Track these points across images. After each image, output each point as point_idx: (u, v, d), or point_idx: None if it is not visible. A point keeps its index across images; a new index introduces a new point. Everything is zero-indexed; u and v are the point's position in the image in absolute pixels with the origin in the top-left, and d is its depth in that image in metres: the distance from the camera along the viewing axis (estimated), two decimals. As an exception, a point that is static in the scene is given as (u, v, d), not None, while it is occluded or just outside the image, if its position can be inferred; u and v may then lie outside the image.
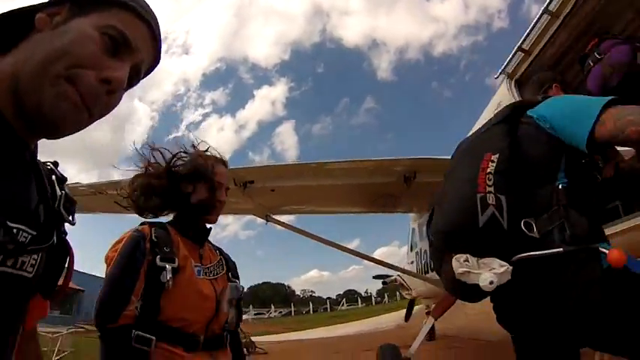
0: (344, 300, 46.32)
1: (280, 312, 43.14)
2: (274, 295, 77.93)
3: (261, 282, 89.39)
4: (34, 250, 0.59)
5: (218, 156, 1.55)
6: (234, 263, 1.61)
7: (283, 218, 4.79)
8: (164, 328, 1.23)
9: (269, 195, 4.12)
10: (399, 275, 8.07)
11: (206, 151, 1.53)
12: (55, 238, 0.65)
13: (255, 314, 40.43)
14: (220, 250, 1.59)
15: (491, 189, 1.16)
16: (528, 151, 1.23)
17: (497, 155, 1.21)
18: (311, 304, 47.07)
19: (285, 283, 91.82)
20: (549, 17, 3.18)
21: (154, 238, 1.32)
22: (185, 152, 1.49)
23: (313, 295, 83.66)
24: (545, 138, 1.23)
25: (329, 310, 40.09)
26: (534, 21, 3.32)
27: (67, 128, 0.61)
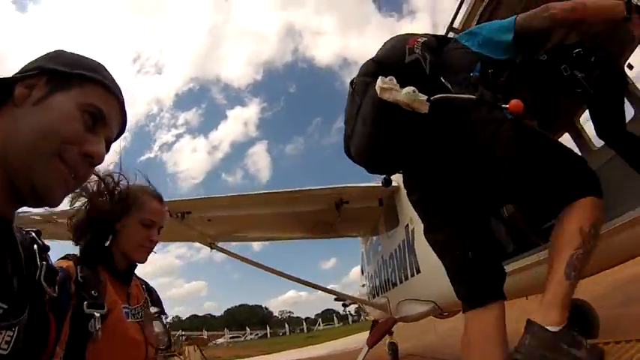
0: (320, 320, 45.81)
1: (257, 334, 42.27)
2: (251, 317, 76.44)
3: (238, 304, 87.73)
4: (6, 326, 0.58)
5: (153, 191, 1.45)
6: (157, 295, 1.54)
7: (231, 246, 4.85)
8: None
9: (208, 224, 4.18)
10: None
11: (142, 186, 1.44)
12: (27, 313, 0.63)
13: (230, 337, 39.47)
14: (145, 283, 1.51)
15: (419, 48, 1.44)
16: (451, 57, 1.51)
17: (425, 38, 1.50)
18: (287, 326, 46.40)
19: (263, 305, 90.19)
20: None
21: (79, 278, 1.18)
22: (117, 185, 1.37)
23: (291, 315, 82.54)
24: (467, 52, 1.52)
25: (305, 330, 39.67)
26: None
27: (57, 199, 0.66)
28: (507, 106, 1.31)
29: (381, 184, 3.69)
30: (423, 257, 3.11)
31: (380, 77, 1.32)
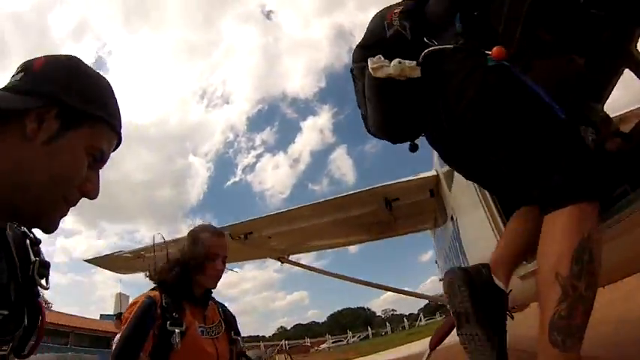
0: (421, 315, 44.69)
1: (359, 336, 42.47)
2: (355, 319, 76.67)
3: (341, 309, 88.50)
4: (8, 332, 0.64)
5: (212, 229, 1.80)
6: (233, 317, 1.85)
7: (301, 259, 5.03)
8: None
9: (269, 241, 4.39)
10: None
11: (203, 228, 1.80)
12: (26, 317, 0.68)
13: (332, 342, 40.17)
14: (223, 307, 1.84)
15: (397, 20, 1.41)
16: (430, 14, 1.42)
17: (402, 7, 1.46)
18: (389, 325, 45.95)
19: (366, 306, 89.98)
20: None
21: (164, 304, 1.54)
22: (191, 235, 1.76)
23: (394, 313, 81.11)
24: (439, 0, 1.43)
25: (407, 327, 39.01)
26: None
27: (54, 229, 0.71)
28: (489, 52, 1.19)
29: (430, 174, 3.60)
30: (469, 248, 2.96)
31: (369, 59, 1.35)
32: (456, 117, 1.27)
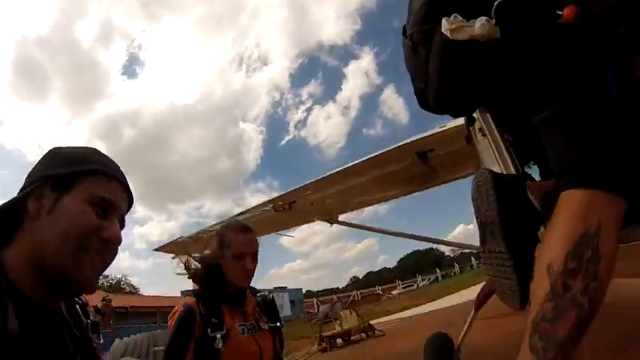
0: (489, 252, 43.61)
1: (428, 279, 42.88)
2: (423, 261, 76.72)
3: (410, 252, 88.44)
4: None
5: (236, 226, 1.76)
6: (272, 305, 1.86)
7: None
8: None
9: (312, 207, 4.57)
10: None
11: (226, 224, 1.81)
12: None
13: (403, 288, 40.92)
14: (262, 296, 1.85)
15: None
16: None
17: None
18: (457, 265, 45.76)
19: (434, 246, 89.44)
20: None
21: (202, 311, 1.58)
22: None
23: (463, 252, 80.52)
24: None
25: (475, 267, 38.71)
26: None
27: (92, 286, 0.77)
28: (561, 12, 1.03)
29: (462, 122, 3.48)
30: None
31: (444, 19, 1.13)
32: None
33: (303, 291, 45.88)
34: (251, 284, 1.74)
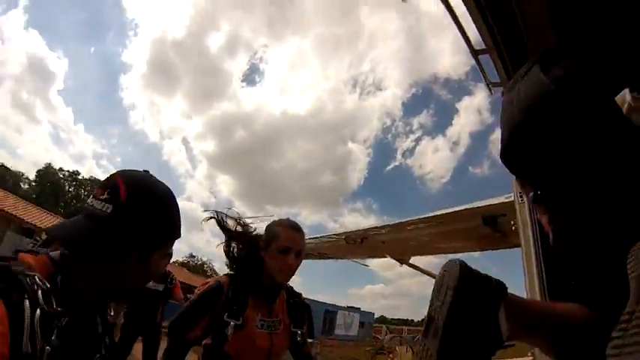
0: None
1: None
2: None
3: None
4: None
5: (288, 223, 1.75)
6: (303, 309, 1.81)
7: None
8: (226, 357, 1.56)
9: (383, 246, 4.94)
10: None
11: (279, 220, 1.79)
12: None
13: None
14: (295, 298, 1.81)
15: None
16: None
17: None
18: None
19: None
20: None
21: (229, 294, 1.60)
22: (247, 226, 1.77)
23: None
24: None
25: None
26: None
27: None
28: None
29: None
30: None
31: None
32: None
33: (376, 315, 45.03)
34: (328, 298, 1.88)
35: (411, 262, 5.41)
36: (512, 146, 0.87)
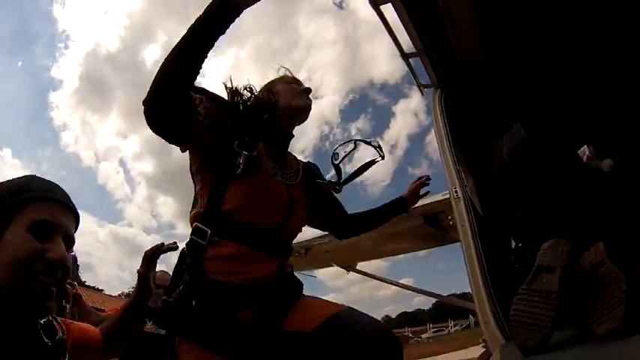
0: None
1: (461, 325, 40.91)
2: (459, 305, 73.42)
3: (446, 294, 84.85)
4: None
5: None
6: (315, 165, 1.51)
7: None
8: (226, 222, 1.12)
9: (327, 254, 4.91)
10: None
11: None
12: None
13: (433, 332, 39.34)
14: (306, 162, 1.49)
15: None
16: None
17: None
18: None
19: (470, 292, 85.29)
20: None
21: (241, 121, 1.20)
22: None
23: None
24: None
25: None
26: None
27: (50, 309, 0.81)
28: None
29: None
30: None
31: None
32: None
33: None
34: None
35: (358, 268, 5.47)
36: (501, 183, 1.76)
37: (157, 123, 1.05)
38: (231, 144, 1.14)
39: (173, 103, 1.02)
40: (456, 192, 2.50)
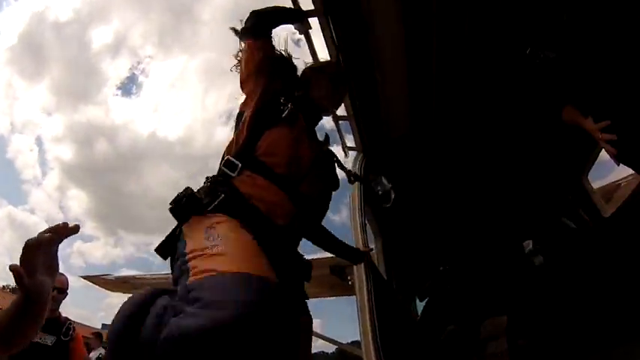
0: None
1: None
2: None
3: (351, 341, 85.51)
4: None
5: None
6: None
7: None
8: (256, 161, 1.27)
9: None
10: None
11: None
12: None
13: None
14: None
15: None
16: None
17: None
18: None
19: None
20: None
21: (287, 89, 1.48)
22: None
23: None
24: None
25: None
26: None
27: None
28: None
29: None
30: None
31: None
32: None
33: None
34: None
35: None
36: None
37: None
38: (279, 98, 1.37)
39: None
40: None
